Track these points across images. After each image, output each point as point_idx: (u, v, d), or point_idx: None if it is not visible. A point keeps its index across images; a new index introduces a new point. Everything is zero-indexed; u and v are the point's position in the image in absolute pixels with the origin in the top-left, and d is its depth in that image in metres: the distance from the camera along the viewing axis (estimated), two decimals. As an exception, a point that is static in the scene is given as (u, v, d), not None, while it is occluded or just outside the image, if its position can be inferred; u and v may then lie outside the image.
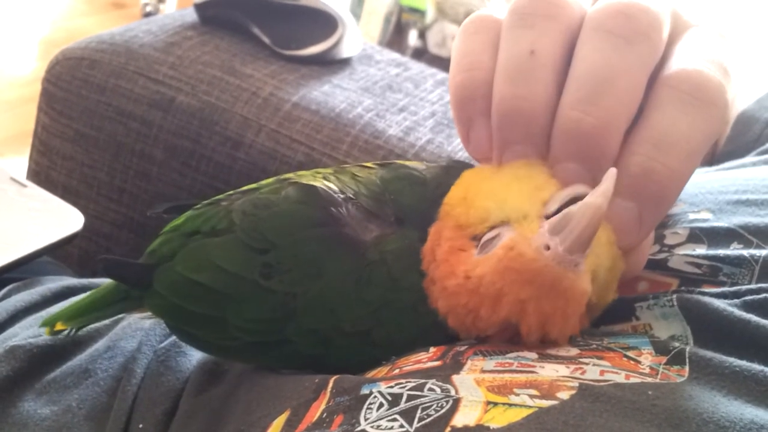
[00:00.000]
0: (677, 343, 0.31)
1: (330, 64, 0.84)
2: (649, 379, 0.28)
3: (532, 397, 0.27)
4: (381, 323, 0.35)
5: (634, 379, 0.28)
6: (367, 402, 0.29)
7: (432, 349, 0.33)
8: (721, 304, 0.32)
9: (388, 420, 0.28)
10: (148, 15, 1.82)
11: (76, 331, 0.47)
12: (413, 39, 2.29)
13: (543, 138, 0.33)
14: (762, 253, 0.35)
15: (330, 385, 0.32)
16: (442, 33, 2.25)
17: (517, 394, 0.27)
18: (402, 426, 0.27)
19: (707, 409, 0.27)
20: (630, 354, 0.31)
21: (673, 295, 0.33)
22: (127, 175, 0.79)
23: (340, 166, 0.39)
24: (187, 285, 0.38)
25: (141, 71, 0.78)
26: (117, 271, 0.41)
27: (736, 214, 0.38)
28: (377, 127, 0.77)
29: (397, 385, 0.30)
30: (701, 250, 0.36)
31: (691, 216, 0.39)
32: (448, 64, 0.36)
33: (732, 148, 0.55)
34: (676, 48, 0.33)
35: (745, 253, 0.35)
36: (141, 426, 0.41)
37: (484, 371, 0.30)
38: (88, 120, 0.78)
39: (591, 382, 0.28)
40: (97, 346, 0.47)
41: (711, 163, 0.56)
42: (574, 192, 0.31)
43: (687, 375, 0.29)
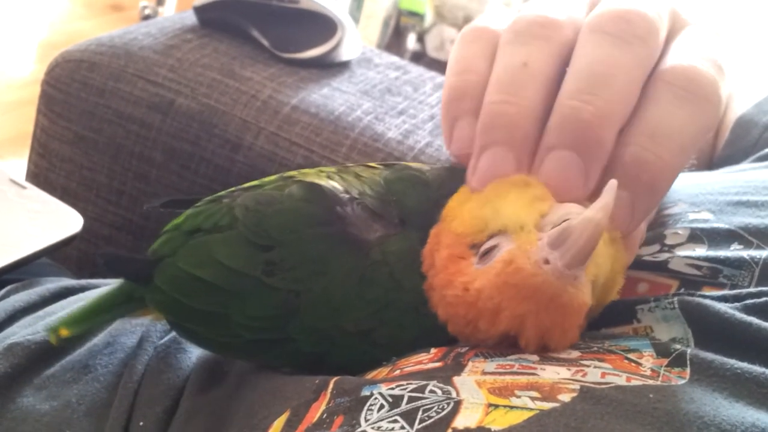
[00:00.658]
0: (678, 346, 0.31)
1: (329, 67, 0.84)
2: (651, 382, 0.28)
3: (533, 399, 0.27)
4: (383, 323, 0.35)
5: (636, 382, 0.28)
6: (368, 403, 0.29)
7: (433, 350, 0.33)
8: (722, 306, 0.32)
9: (389, 421, 0.28)
10: (146, 18, 1.82)
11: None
12: (412, 42, 2.28)
13: (525, 144, 0.33)
14: (762, 254, 0.35)
15: (330, 386, 0.32)
16: (441, 36, 2.25)
17: (518, 396, 0.27)
18: (403, 427, 0.27)
19: (708, 412, 0.27)
20: (631, 356, 0.31)
21: (675, 298, 0.33)
22: (126, 178, 0.79)
23: (344, 166, 0.39)
24: (188, 281, 0.38)
25: (140, 74, 0.78)
26: (117, 265, 0.41)
27: (737, 214, 0.38)
28: (376, 130, 0.77)
29: (398, 386, 0.29)
30: (701, 251, 0.36)
31: (692, 216, 0.39)
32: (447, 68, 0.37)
33: (730, 152, 0.55)
34: (673, 45, 0.34)
35: (745, 254, 0.35)
36: (141, 424, 0.41)
37: (485, 373, 0.30)
38: (87, 122, 0.78)
39: (592, 385, 0.28)
40: (96, 341, 0.46)
41: (710, 167, 0.56)
42: (573, 210, 0.31)
43: (688, 377, 0.29)
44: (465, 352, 0.32)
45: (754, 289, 0.33)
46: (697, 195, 0.41)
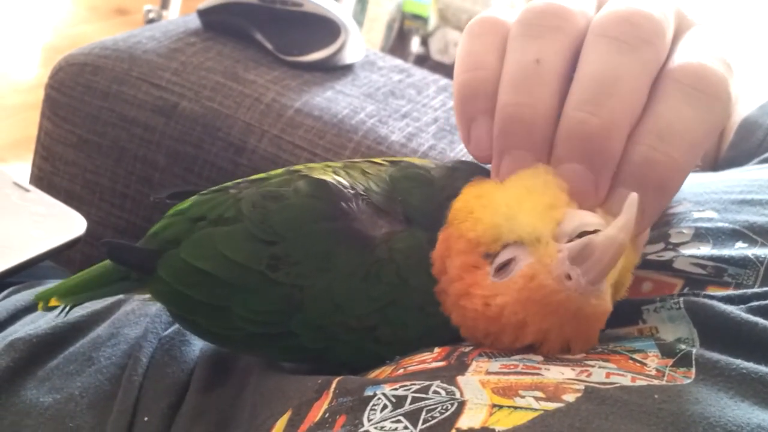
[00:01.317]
0: (683, 346, 0.30)
1: (333, 70, 0.84)
2: (656, 382, 0.28)
3: (537, 399, 0.27)
4: (387, 320, 0.35)
5: (641, 382, 0.28)
6: (371, 403, 0.29)
7: (437, 349, 0.33)
8: (728, 307, 0.32)
9: (392, 421, 0.27)
10: (151, 21, 1.82)
11: (70, 309, 0.45)
12: (416, 46, 2.29)
13: (544, 145, 0.33)
14: (767, 253, 0.35)
15: (333, 385, 0.32)
16: (445, 40, 2.25)
17: (522, 397, 0.27)
18: (406, 428, 0.27)
19: (714, 413, 0.26)
20: (636, 356, 0.30)
21: (680, 298, 0.33)
22: (130, 181, 0.79)
23: (350, 161, 0.39)
24: (192, 273, 0.38)
25: (144, 77, 0.78)
26: (120, 255, 0.41)
27: (741, 213, 0.38)
28: (380, 133, 0.77)
29: (401, 387, 0.29)
30: (706, 250, 0.36)
31: (696, 215, 0.39)
32: (451, 71, 0.37)
33: (735, 154, 0.55)
34: (679, 44, 0.34)
35: (749, 253, 0.35)
36: (146, 419, 0.41)
37: (489, 373, 0.30)
38: (91, 126, 0.78)
39: (597, 385, 0.28)
40: (99, 332, 0.46)
41: (714, 169, 0.56)
42: (588, 221, 0.31)
43: (693, 377, 0.28)
44: (469, 351, 0.32)
45: (759, 290, 0.33)
46: (702, 194, 0.40)
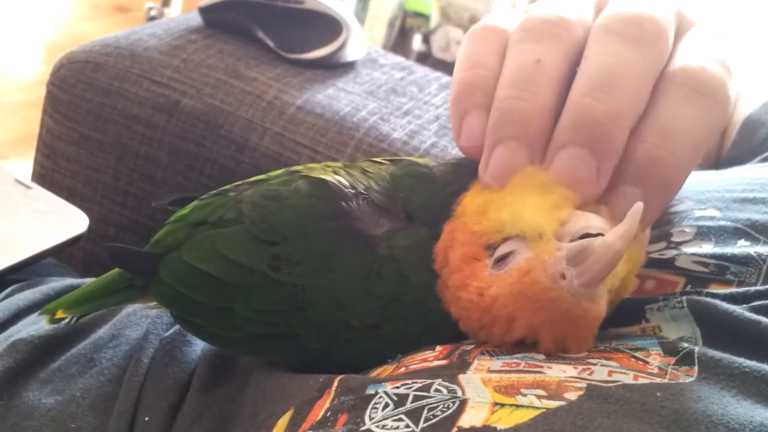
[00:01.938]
0: (686, 344, 0.30)
1: (334, 67, 0.84)
2: (658, 380, 0.28)
3: (539, 397, 0.27)
4: (389, 318, 0.35)
5: (643, 380, 0.28)
6: (373, 402, 0.29)
7: (438, 347, 0.33)
8: (730, 306, 0.32)
9: (394, 420, 0.27)
10: (152, 19, 1.82)
11: (77, 320, 0.46)
12: (417, 43, 2.28)
13: (539, 139, 0.33)
14: None
15: (335, 384, 0.32)
16: (446, 37, 2.25)
17: (524, 395, 0.27)
18: (408, 426, 0.27)
19: (716, 411, 0.26)
20: (638, 355, 0.30)
21: (683, 297, 0.33)
22: (132, 178, 0.79)
23: (350, 161, 0.39)
24: (193, 275, 0.38)
25: (145, 74, 0.78)
26: (123, 258, 0.41)
27: (743, 211, 0.38)
28: (381, 130, 0.77)
29: (403, 385, 0.29)
30: (708, 248, 0.36)
31: (698, 213, 0.39)
32: (453, 69, 0.37)
33: (737, 152, 0.55)
34: (680, 46, 0.34)
35: (751, 251, 0.35)
36: (147, 419, 0.41)
37: (491, 371, 0.30)
38: (92, 123, 0.78)
39: (599, 383, 0.28)
40: (100, 333, 0.46)
41: (716, 166, 0.56)
42: (592, 224, 0.30)
43: (696, 375, 0.28)
44: (470, 349, 0.32)
45: (762, 288, 0.33)
46: (704, 192, 0.40)
